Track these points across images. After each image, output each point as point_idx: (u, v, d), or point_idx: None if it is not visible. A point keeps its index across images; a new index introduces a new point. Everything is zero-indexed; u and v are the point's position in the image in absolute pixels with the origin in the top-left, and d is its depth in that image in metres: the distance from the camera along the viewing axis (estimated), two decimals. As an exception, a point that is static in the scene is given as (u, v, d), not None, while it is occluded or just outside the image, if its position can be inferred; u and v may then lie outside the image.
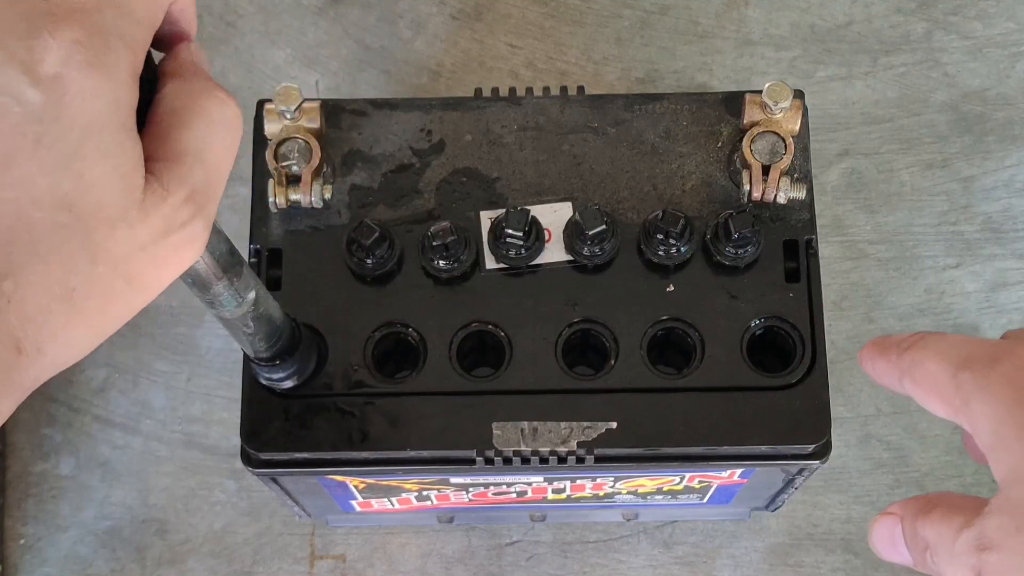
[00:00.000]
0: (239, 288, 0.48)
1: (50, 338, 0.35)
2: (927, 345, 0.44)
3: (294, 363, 0.57)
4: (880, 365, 0.46)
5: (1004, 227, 0.85)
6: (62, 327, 0.35)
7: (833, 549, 0.81)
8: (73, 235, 0.35)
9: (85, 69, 0.34)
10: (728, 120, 0.64)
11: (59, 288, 0.35)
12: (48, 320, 0.35)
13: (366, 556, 0.81)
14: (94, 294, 0.36)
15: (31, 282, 0.34)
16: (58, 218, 0.34)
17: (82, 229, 0.35)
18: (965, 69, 0.88)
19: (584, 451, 0.60)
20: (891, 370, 0.45)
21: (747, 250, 0.60)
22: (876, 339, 0.47)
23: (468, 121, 0.64)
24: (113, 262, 0.36)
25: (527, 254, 0.61)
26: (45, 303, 0.34)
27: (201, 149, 0.38)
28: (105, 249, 0.35)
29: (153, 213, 0.36)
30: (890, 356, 0.45)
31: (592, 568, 0.81)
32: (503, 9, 0.90)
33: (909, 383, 0.44)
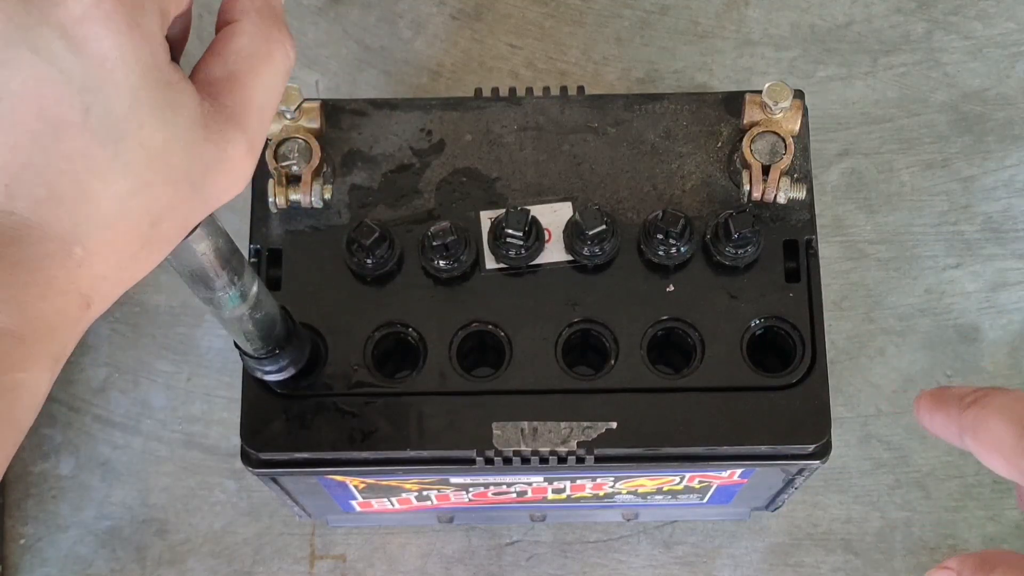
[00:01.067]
0: (240, 286, 0.48)
1: (115, 289, 0.37)
2: (990, 403, 0.43)
3: (288, 356, 0.57)
4: (939, 419, 0.45)
5: (1004, 227, 0.85)
6: (127, 279, 0.37)
7: (833, 549, 0.81)
8: (137, 203, 0.35)
9: (123, 30, 0.33)
10: (728, 120, 0.64)
11: (127, 250, 0.36)
12: (116, 276, 0.36)
13: (366, 556, 0.81)
14: (158, 250, 0.37)
15: (100, 247, 0.35)
16: (121, 187, 0.34)
17: (147, 196, 0.35)
18: (965, 69, 0.88)
19: (584, 451, 0.60)
20: (950, 425, 0.44)
21: (747, 250, 0.60)
22: (934, 391, 0.46)
23: (468, 121, 0.64)
24: (176, 219, 0.37)
25: (527, 254, 0.61)
26: (114, 263, 0.36)
27: (264, 101, 0.38)
28: (170, 210, 0.36)
29: (215, 169, 0.37)
30: (950, 411, 0.44)
31: (592, 568, 0.81)
32: (503, 9, 0.90)
33: (971, 441, 0.43)
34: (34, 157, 0.33)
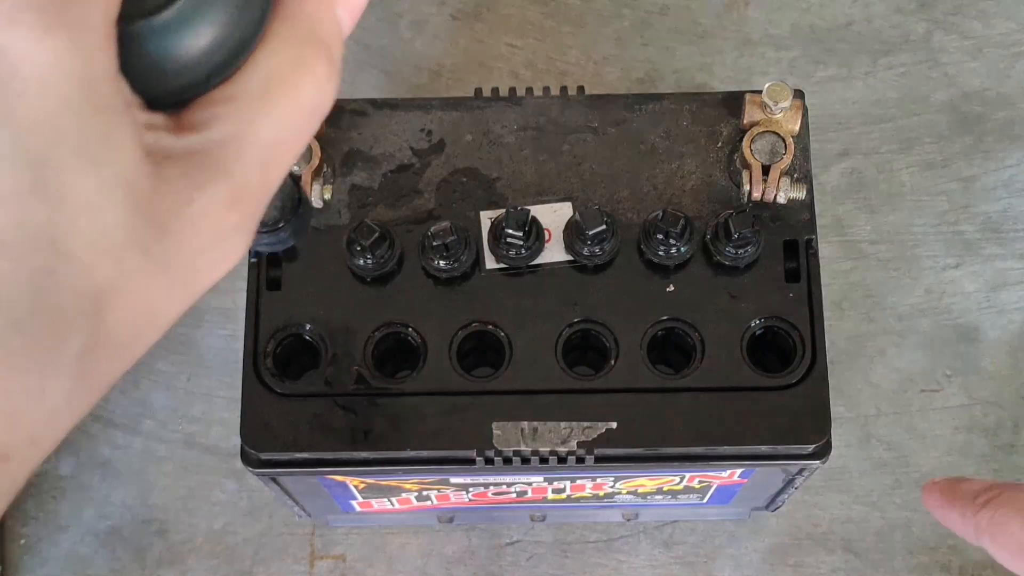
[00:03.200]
0: None
1: (43, 428, 0.26)
2: (1006, 502, 0.42)
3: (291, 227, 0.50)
4: (953, 517, 0.44)
5: (1004, 227, 0.85)
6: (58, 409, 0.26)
7: (833, 549, 0.81)
8: (62, 281, 0.25)
9: (41, 36, 0.23)
10: (728, 120, 0.64)
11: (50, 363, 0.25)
12: (37, 409, 0.25)
13: (366, 556, 0.81)
14: (98, 355, 0.26)
15: (7, 366, 0.25)
16: (35, 263, 0.24)
17: (75, 272, 0.25)
18: (965, 69, 0.88)
19: (584, 451, 0.60)
20: (965, 524, 0.43)
21: (747, 250, 0.60)
22: (943, 484, 0.45)
23: (468, 121, 0.64)
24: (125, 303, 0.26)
25: (527, 254, 0.61)
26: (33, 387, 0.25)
27: (271, 139, 0.28)
28: (107, 292, 0.25)
29: (173, 226, 0.26)
30: (964, 510, 0.43)
31: (592, 568, 0.81)
32: (503, 9, 0.90)
33: (989, 543, 0.42)
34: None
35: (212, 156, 0.27)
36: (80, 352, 0.26)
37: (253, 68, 0.28)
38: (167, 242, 0.26)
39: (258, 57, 0.28)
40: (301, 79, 0.28)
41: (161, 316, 0.28)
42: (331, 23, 0.29)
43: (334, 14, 0.29)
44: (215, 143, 0.27)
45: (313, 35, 0.29)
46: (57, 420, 0.26)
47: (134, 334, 0.27)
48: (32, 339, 0.25)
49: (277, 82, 0.28)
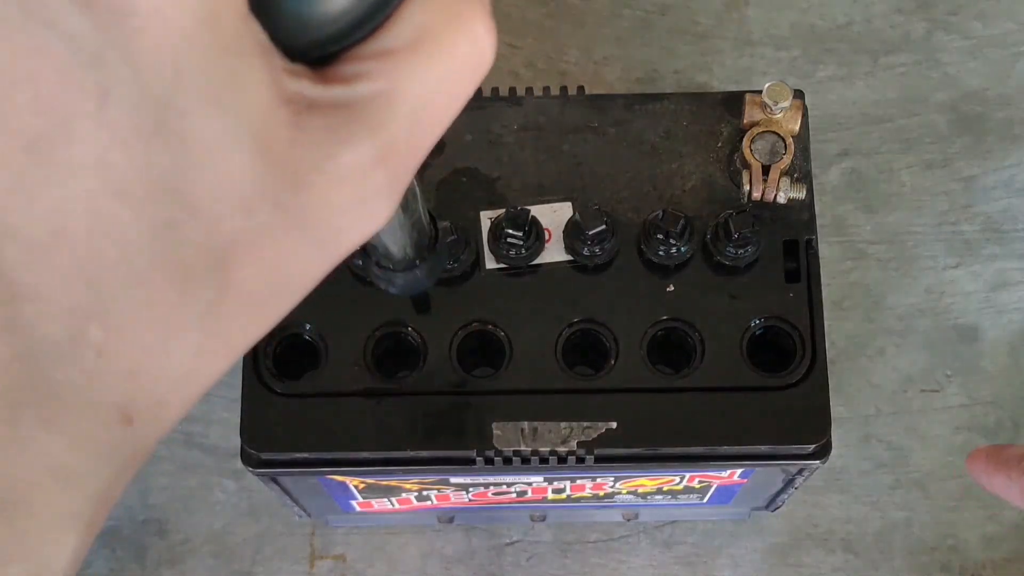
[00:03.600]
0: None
1: (170, 388, 0.24)
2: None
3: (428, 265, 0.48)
4: (999, 480, 0.44)
5: (1004, 227, 0.85)
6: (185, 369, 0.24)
7: (833, 549, 0.81)
8: (186, 234, 0.23)
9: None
10: (728, 120, 0.64)
11: (174, 318, 0.24)
12: (163, 367, 0.24)
13: (366, 556, 0.81)
14: (228, 313, 0.25)
15: (130, 320, 0.23)
16: (158, 213, 0.23)
17: (201, 225, 0.23)
18: (965, 69, 0.88)
19: (584, 451, 0.59)
20: (1011, 487, 0.43)
21: (747, 250, 0.60)
22: (989, 450, 0.45)
23: (468, 121, 0.64)
24: (256, 260, 0.24)
25: (527, 254, 0.61)
26: (157, 343, 0.24)
27: (420, 98, 0.26)
28: (235, 247, 0.24)
29: (312, 180, 0.24)
30: (1010, 472, 0.44)
31: (592, 568, 0.81)
32: (503, 9, 0.90)
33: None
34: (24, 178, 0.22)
35: (359, 110, 0.25)
36: (207, 309, 0.24)
37: (404, 20, 0.25)
38: (303, 197, 0.24)
39: (408, 9, 0.26)
40: (456, 33, 0.26)
41: (297, 276, 0.26)
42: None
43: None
44: (364, 97, 0.25)
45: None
46: (186, 382, 0.25)
47: (267, 293, 0.25)
48: (155, 293, 0.23)
49: (430, 36, 0.26)
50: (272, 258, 0.25)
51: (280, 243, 0.24)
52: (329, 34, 0.25)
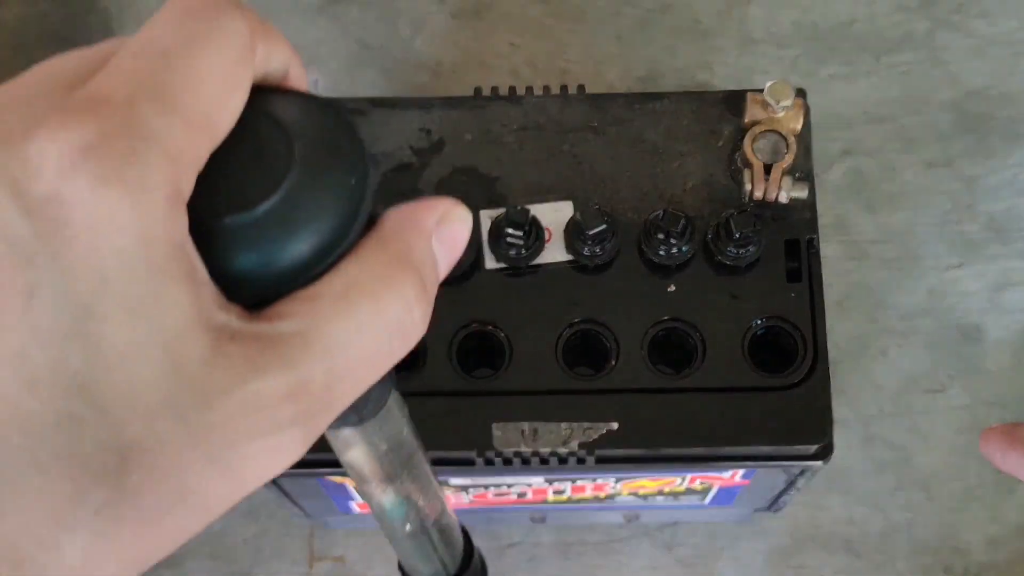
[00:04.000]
0: (414, 494, 0.41)
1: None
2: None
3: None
4: (1013, 458, 0.44)
5: (1007, 227, 0.85)
6: (74, 569, 0.24)
7: (835, 550, 0.80)
8: (90, 431, 0.24)
9: (97, 187, 0.24)
10: (729, 119, 0.63)
11: (67, 511, 0.24)
12: (50, 561, 0.24)
13: (365, 558, 0.81)
14: (121, 517, 0.25)
15: (24, 507, 0.24)
16: (64, 408, 0.24)
17: (105, 424, 0.24)
18: (968, 68, 0.88)
19: (585, 452, 0.59)
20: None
21: (748, 250, 0.60)
22: (1003, 428, 0.45)
23: (468, 120, 0.64)
24: (154, 468, 0.25)
25: (527, 254, 0.61)
26: (47, 534, 0.24)
27: (345, 344, 0.27)
28: (135, 451, 0.25)
29: (220, 402, 0.25)
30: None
31: (593, 569, 0.81)
32: (503, 7, 0.89)
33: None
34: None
35: (278, 344, 0.26)
36: (100, 508, 0.24)
37: (338, 273, 0.28)
38: (209, 416, 0.25)
39: (345, 265, 0.28)
40: (386, 294, 0.28)
41: (198, 497, 0.26)
42: (425, 252, 0.30)
43: (429, 245, 0.30)
44: (283, 334, 0.26)
45: (405, 257, 0.29)
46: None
47: (164, 507, 0.25)
48: (51, 483, 0.24)
49: (359, 291, 0.27)
50: (170, 470, 0.25)
51: (180, 457, 0.25)
52: (268, 290, 0.27)
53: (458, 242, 0.31)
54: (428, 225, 0.30)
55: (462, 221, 0.32)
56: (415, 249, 0.29)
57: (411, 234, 0.30)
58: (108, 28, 0.89)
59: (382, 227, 0.29)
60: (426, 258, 0.30)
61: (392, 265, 0.28)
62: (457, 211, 0.31)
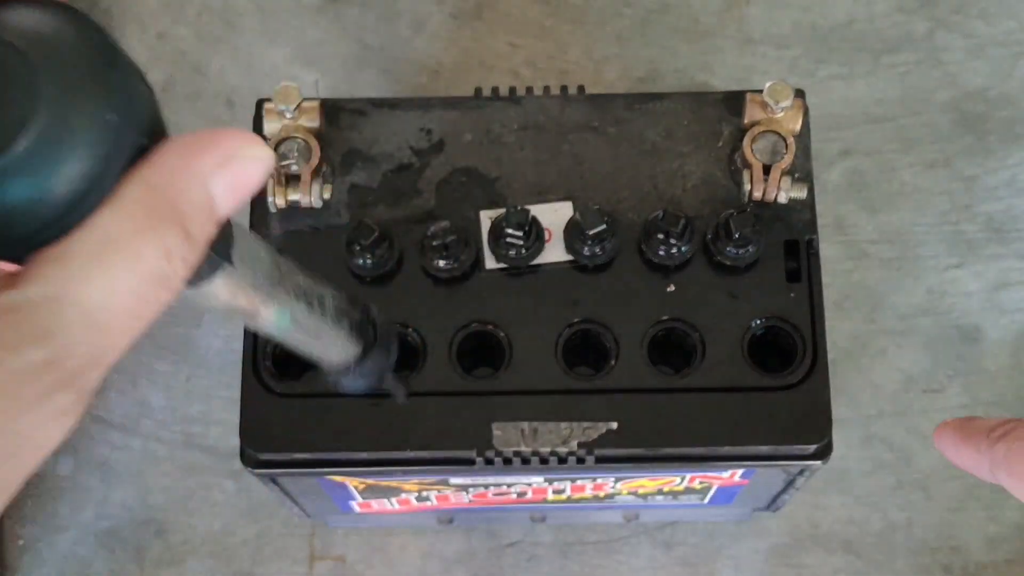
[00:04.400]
0: (296, 304, 0.41)
1: None
2: (1021, 435, 0.41)
3: (370, 365, 0.49)
4: (967, 453, 0.43)
5: (1006, 227, 0.85)
6: None
7: (834, 550, 0.80)
8: None
9: None
10: (729, 119, 0.63)
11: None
12: None
13: (366, 557, 0.81)
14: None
15: None
16: None
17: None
18: (967, 68, 0.88)
19: (584, 451, 0.59)
20: (980, 460, 0.42)
21: (748, 250, 0.60)
22: (957, 423, 0.44)
23: (468, 120, 0.64)
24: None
25: (527, 254, 0.61)
26: None
27: (102, 303, 0.27)
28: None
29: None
30: (978, 445, 0.43)
31: (593, 569, 0.81)
32: (503, 8, 0.89)
33: (1005, 477, 0.41)
34: None
35: (30, 314, 0.25)
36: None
37: (92, 227, 0.26)
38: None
39: (99, 217, 0.26)
40: (143, 246, 0.27)
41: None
42: (198, 197, 0.28)
43: (205, 189, 0.28)
44: (33, 301, 0.25)
45: (169, 205, 0.27)
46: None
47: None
48: None
49: (114, 247, 0.26)
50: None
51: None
52: (13, 250, 0.25)
53: (249, 183, 0.29)
54: (203, 169, 0.28)
55: (254, 160, 0.29)
56: (183, 197, 0.28)
57: (181, 178, 0.28)
58: (108, 28, 0.89)
59: (151, 164, 0.27)
60: (196, 205, 0.28)
61: (154, 215, 0.27)
62: (248, 151, 0.29)
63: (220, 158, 0.28)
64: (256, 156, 0.29)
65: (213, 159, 0.28)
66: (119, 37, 0.89)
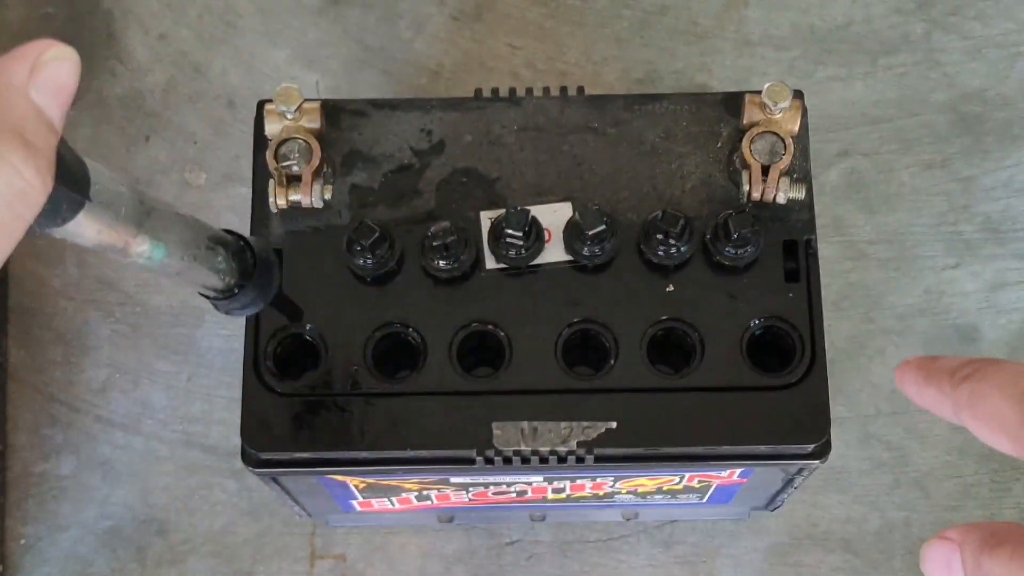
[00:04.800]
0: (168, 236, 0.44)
1: None
2: (986, 377, 0.40)
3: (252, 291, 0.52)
4: (929, 393, 0.42)
5: (1003, 227, 0.85)
6: None
7: (833, 549, 0.81)
8: None
9: None
10: (728, 120, 0.64)
11: None
12: None
13: (366, 556, 0.81)
14: None
15: None
16: None
17: None
18: (964, 69, 0.88)
19: (584, 451, 0.60)
20: (943, 400, 0.42)
21: (747, 250, 0.60)
22: (920, 361, 0.43)
23: (468, 121, 0.64)
24: None
25: (527, 254, 0.61)
26: None
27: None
28: None
29: None
30: (941, 385, 0.42)
31: (592, 568, 0.81)
32: (503, 9, 0.90)
33: (969, 418, 0.41)
34: None
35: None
36: None
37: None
38: None
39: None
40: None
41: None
42: (23, 105, 0.30)
43: (27, 98, 0.30)
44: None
45: (1, 121, 0.30)
46: None
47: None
48: None
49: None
50: None
51: None
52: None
53: (63, 83, 0.31)
54: (19, 79, 0.30)
55: (59, 60, 0.31)
56: (9, 111, 0.30)
57: (2, 94, 0.30)
58: (110, 29, 0.89)
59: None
60: (26, 114, 0.30)
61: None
62: (51, 51, 0.31)
63: (28, 67, 0.31)
64: (60, 56, 0.31)
65: (23, 69, 0.31)
66: (121, 38, 0.89)
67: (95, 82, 0.88)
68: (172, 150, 0.87)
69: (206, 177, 0.86)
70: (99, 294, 0.85)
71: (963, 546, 0.39)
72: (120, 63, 0.89)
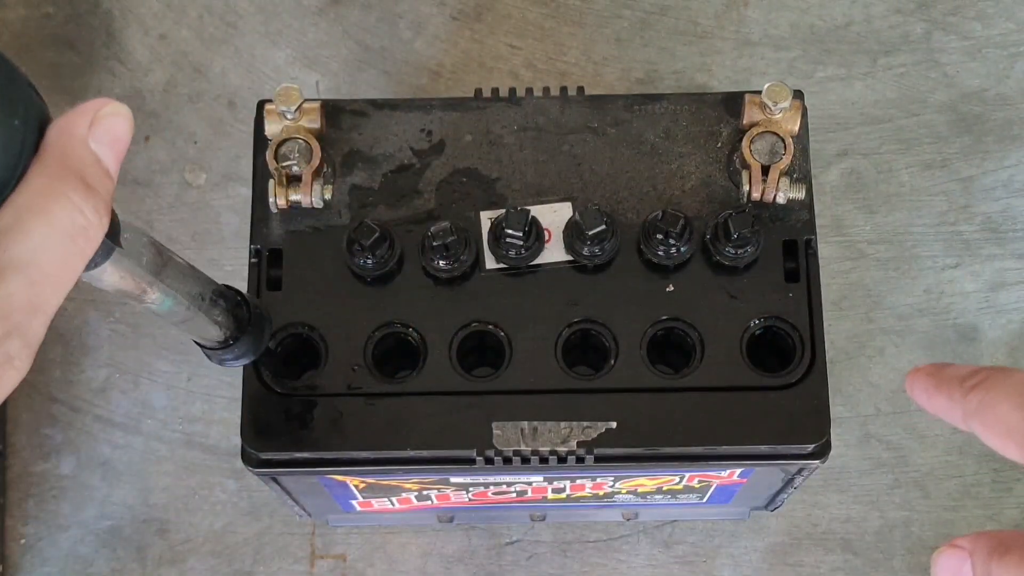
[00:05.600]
0: (175, 293, 0.46)
1: None
2: (996, 386, 0.40)
3: (244, 344, 0.54)
4: (939, 401, 0.43)
5: (1003, 227, 0.85)
6: None
7: (832, 548, 0.81)
8: None
9: None
10: (728, 120, 0.64)
11: None
12: None
13: (366, 556, 0.81)
14: None
15: None
16: None
17: None
18: (964, 69, 0.88)
19: (584, 451, 0.60)
20: (952, 408, 0.42)
21: (747, 250, 0.60)
22: (931, 368, 0.44)
23: (468, 121, 0.64)
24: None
25: (527, 254, 0.61)
26: None
27: (30, 259, 0.33)
28: None
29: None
30: (951, 393, 0.42)
31: (592, 567, 0.81)
32: (503, 10, 0.90)
33: (978, 426, 0.41)
34: None
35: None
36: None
37: (9, 205, 0.33)
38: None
39: (14, 196, 0.33)
40: (53, 206, 0.33)
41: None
42: (85, 154, 0.34)
43: (86, 146, 0.34)
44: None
45: (65, 166, 0.34)
46: None
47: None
48: None
49: (28, 213, 0.33)
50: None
51: None
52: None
53: (119, 135, 0.35)
54: (80, 130, 0.35)
55: (115, 115, 0.35)
56: (72, 156, 0.34)
57: (66, 143, 0.34)
58: (110, 30, 0.89)
59: (43, 146, 0.34)
60: (86, 161, 0.34)
61: (53, 178, 0.33)
62: (109, 108, 0.35)
63: (88, 121, 0.35)
64: (116, 112, 0.35)
65: (84, 122, 0.35)
66: (121, 38, 0.89)
67: (95, 82, 0.88)
68: (172, 150, 0.87)
69: (206, 177, 0.86)
70: (99, 294, 0.85)
71: (973, 554, 0.40)
72: (120, 63, 0.89)
